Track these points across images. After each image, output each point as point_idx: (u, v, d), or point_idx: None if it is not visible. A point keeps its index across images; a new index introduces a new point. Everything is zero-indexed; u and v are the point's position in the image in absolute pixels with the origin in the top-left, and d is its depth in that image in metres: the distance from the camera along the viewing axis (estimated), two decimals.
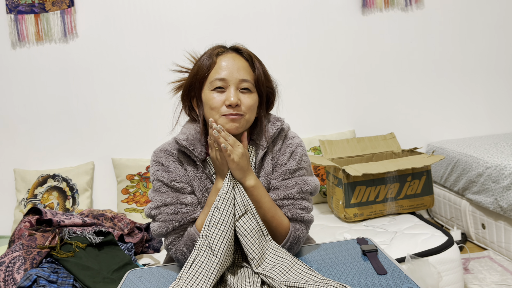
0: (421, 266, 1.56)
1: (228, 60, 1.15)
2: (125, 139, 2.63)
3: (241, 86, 1.13)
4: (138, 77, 2.60)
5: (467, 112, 2.81)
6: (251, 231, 1.07)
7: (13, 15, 2.50)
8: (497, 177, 2.08)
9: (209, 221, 1.04)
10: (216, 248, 1.01)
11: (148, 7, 2.56)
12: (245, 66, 1.15)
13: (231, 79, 1.12)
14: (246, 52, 1.18)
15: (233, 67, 1.13)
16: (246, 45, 1.23)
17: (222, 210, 1.04)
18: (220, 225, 1.03)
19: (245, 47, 1.20)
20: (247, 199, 1.08)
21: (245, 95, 1.13)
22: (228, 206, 1.05)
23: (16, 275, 1.49)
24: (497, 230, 2.12)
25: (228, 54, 1.16)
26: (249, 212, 1.07)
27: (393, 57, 2.72)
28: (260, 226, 1.08)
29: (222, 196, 1.06)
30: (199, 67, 1.16)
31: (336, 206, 2.18)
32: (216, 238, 1.02)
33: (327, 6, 2.64)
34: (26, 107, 2.59)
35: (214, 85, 1.13)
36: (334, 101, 2.71)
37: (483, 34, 2.76)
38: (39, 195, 2.47)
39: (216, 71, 1.14)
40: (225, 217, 1.03)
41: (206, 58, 1.16)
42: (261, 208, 1.11)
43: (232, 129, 1.11)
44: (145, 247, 2.04)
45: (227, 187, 1.07)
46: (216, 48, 1.19)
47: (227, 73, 1.12)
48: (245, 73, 1.14)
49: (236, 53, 1.18)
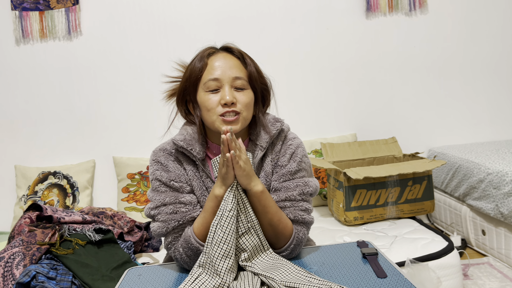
0: (420, 271, 1.55)
1: (219, 59, 1.15)
2: (126, 137, 2.63)
3: (235, 84, 1.13)
4: (140, 76, 2.61)
5: (469, 118, 2.81)
6: (252, 248, 1.07)
7: (18, 12, 2.50)
8: (498, 184, 2.08)
9: (211, 238, 1.03)
10: (219, 268, 1.00)
11: (152, 6, 2.57)
12: (237, 64, 1.15)
13: (224, 78, 1.12)
14: (236, 50, 1.18)
15: (225, 66, 1.13)
16: (250, 46, 1.24)
17: (224, 228, 1.02)
18: (223, 244, 1.01)
19: (235, 45, 1.20)
20: (251, 214, 1.07)
21: (240, 92, 1.13)
22: (231, 224, 1.03)
23: (15, 270, 1.49)
24: (497, 236, 2.12)
25: (219, 54, 1.17)
26: (252, 228, 1.07)
27: (396, 61, 2.72)
28: (261, 241, 1.08)
29: (225, 213, 1.03)
30: (192, 70, 1.16)
31: (337, 209, 2.18)
32: (219, 258, 1.01)
33: (331, 9, 2.64)
34: (29, 103, 2.59)
35: (208, 86, 1.13)
36: (336, 104, 2.71)
37: (486, 40, 2.76)
38: (40, 192, 2.47)
39: (209, 72, 1.13)
40: (227, 235, 1.02)
41: (197, 60, 1.16)
42: (269, 212, 1.09)
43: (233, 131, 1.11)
44: (144, 246, 2.03)
45: (231, 204, 1.04)
46: (207, 49, 1.19)
47: (220, 73, 1.12)
48: (238, 71, 1.14)
49: (227, 52, 1.18)
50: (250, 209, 1.07)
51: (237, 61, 1.16)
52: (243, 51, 1.19)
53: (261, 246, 1.08)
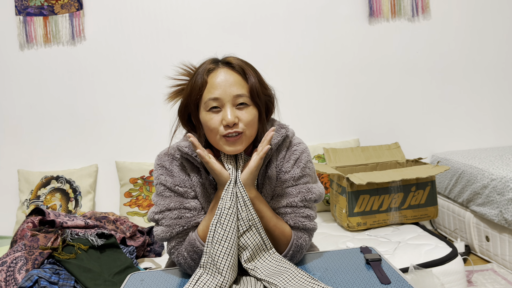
0: (424, 277, 1.54)
1: (219, 77, 1.10)
2: (129, 142, 2.64)
3: (237, 102, 1.08)
4: (144, 81, 2.61)
5: (473, 123, 2.81)
6: (254, 246, 1.06)
7: (22, 17, 2.52)
8: (502, 189, 2.07)
9: (211, 237, 1.03)
10: (221, 266, 1.00)
11: (156, 12, 2.58)
12: (238, 80, 1.10)
13: (225, 97, 1.08)
14: (237, 65, 1.12)
15: (226, 84, 1.08)
16: (252, 51, 1.21)
17: (224, 226, 1.02)
18: (224, 242, 1.01)
19: (236, 57, 1.15)
20: (253, 212, 1.07)
21: (243, 110, 1.09)
22: (231, 221, 1.03)
23: (18, 275, 1.49)
24: (501, 243, 2.10)
25: (219, 70, 1.11)
26: (254, 226, 1.06)
27: (399, 67, 2.72)
28: (263, 240, 1.08)
29: (224, 211, 1.03)
30: (192, 87, 1.12)
31: (339, 215, 2.17)
32: (221, 256, 1.01)
33: (334, 15, 2.65)
34: (32, 108, 2.60)
35: (209, 105, 1.09)
36: (339, 109, 2.71)
37: (489, 45, 2.76)
38: (42, 196, 2.47)
39: (209, 91, 1.09)
40: (228, 233, 1.02)
41: (197, 77, 1.12)
42: (263, 217, 1.10)
43: (236, 151, 1.09)
44: (146, 251, 2.03)
45: (230, 201, 1.05)
46: (207, 64, 1.14)
47: (220, 92, 1.08)
48: (239, 88, 1.09)
49: (227, 67, 1.12)
50: (251, 208, 1.07)
51: (238, 76, 1.11)
52: (245, 63, 1.14)
53: (263, 245, 1.08)
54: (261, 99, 1.13)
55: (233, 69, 1.12)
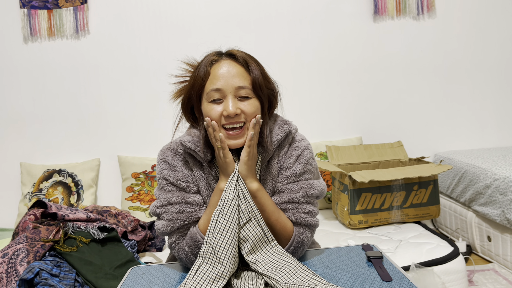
0: (425, 276, 1.54)
1: (222, 68, 1.10)
2: (131, 137, 2.64)
3: (239, 94, 1.09)
4: (147, 76, 2.61)
5: (476, 122, 2.79)
6: (255, 238, 1.06)
7: (26, 10, 2.52)
8: (505, 189, 2.06)
9: (213, 227, 1.03)
10: (222, 256, 1.00)
11: (160, 7, 2.57)
12: (240, 72, 1.10)
13: (227, 88, 1.08)
14: (240, 57, 1.12)
15: (228, 75, 1.09)
16: (256, 48, 1.21)
17: (227, 217, 1.02)
18: (226, 232, 1.01)
19: (240, 50, 1.15)
20: (252, 205, 1.07)
21: (245, 102, 1.09)
22: (234, 212, 1.03)
23: (19, 267, 1.50)
24: (503, 243, 2.10)
25: (222, 61, 1.11)
26: (254, 218, 1.06)
27: (403, 65, 2.71)
28: (265, 232, 1.08)
29: (228, 202, 1.04)
30: (195, 79, 1.12)
31: (341, 212, 2.17)
32: (222, 246, 1.01)
33: (338, 12, 2.64)
34: (35, 101, 2.60)
35: (211, 97, 1.09)
36: (342, 107, 2.70)
37: (494, 45, 2.74)
38: (44, 190, 2.48)
39: (211, 82, 1.09)
40: (230, 223, 1.02)
41: (200, 69, 1.12)
42: (265, 211, 1.10)
43: (238, 145, 1.09)
44: (147, 245, 2.03)
45: (233, 192, 1.05)
46: (210, 56, 1.14)
47: (223, 83, 1.08)
48: (241, 80, 1.09)
49: (230, 59, 1.12)
50: (251, 200, 1.07)
51: (241, 68, 1.11)
52: (248, 56, 1.14)
53: (264, 237, 1.08)
54: (263, 92, 1.13)
55: (236, 61, 1.12)
